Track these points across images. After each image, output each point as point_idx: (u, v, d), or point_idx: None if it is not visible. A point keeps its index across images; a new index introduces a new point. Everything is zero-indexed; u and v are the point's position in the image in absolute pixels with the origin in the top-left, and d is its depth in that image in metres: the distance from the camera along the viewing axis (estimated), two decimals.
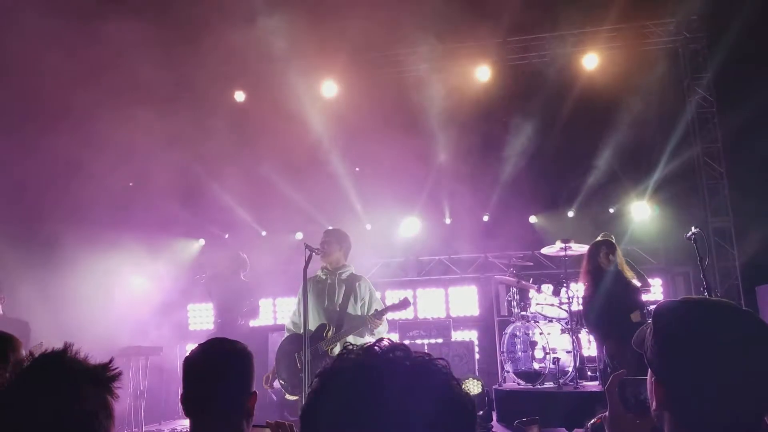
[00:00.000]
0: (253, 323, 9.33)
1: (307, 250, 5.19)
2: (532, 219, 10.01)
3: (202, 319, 9.91)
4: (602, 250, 6.52)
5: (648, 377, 1.47)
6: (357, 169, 9.85)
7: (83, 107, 7.84)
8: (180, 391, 2.18)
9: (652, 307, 6.56)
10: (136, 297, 8.71)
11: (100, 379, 1.61)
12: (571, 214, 9.78)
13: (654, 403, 1.42)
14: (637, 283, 6.49)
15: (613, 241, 6.72)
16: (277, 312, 10.09)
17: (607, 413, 1.69)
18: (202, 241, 10.15)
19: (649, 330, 1.45)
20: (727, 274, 8.84)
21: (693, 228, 5.37)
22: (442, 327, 8.77)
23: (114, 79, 8.37)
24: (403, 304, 5.26)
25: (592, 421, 2.03)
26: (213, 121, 9.54)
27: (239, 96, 10.09)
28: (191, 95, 10.01)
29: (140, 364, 7.52)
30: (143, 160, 9.61)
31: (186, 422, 8.54)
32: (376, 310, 5.27)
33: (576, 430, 6.39)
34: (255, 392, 2.20)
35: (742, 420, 1.30)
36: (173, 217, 9.45)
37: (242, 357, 2.21)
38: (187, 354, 2.22)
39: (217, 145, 9.22)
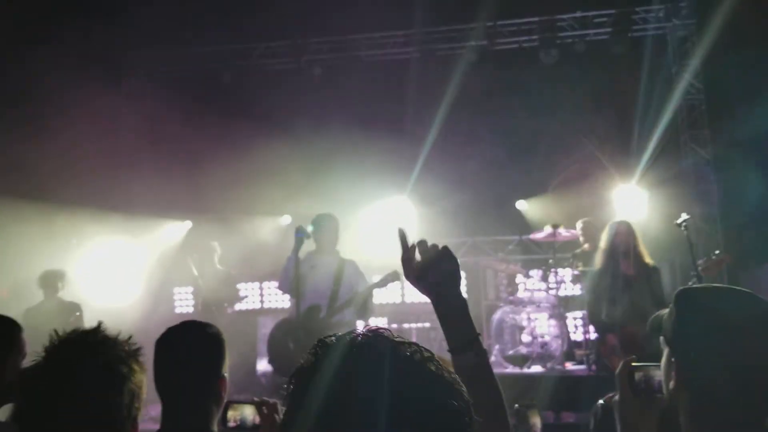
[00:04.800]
0: (240, 307, 9.34)
1: (298, 234, 5.19)
2: (520, 204, 10.03)
3: (188, 302, 9.83)
4: None
5: (664, 359, 1.52)
6: None
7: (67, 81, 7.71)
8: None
9: None
10: (119, 279, 8.62)
11: (126, 354, 1.78)
12: (557, 198, 9.80)
13: (672, 383, 1.47)
14: None
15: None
16: (264, 295, 10.04)
17: (616, 396, 1.74)
18: (189, 223, 10.05)
19: (669, 313, 1.50)
20: None
21: (684, 215, 5.38)
22: (430, 312, 8.74)
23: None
24: (392, 276, 5.24)
25: (601, 401, 2.06)
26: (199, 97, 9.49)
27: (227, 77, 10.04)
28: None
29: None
30: (125, 137, 9.51)
31: None
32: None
33: (564, 413, 6.46)
34: (224, 376, 2.21)
35: (758, 399, 1.36)
36: (158, 197, 9.33)
37: (212, 340, 2.22)
38: (159, 335, 2.23)
39: (202, 123, 9.15)
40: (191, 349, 2.17)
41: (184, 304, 9.86)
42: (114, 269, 8.52)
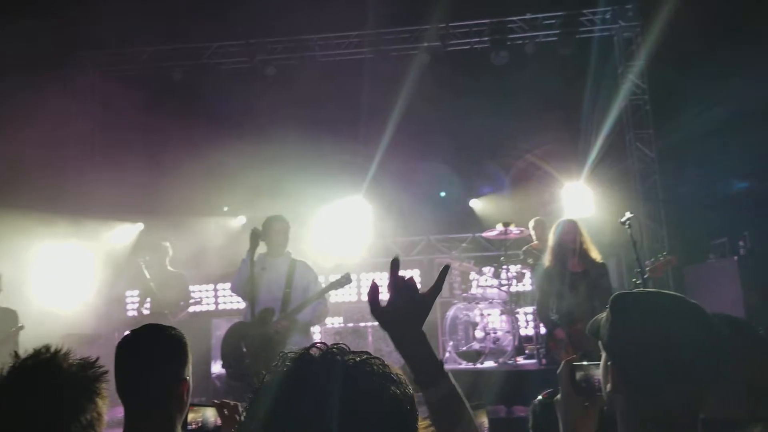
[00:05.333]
0: (194, 309, 9.25)
1: (254, 236, 5.20)
2: (473, 202, 10.20)
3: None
4: None
5: (602, 362, 1.59)
6: None
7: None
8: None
9: None
10: (72, 284, 8.46)
11: (85, 381, 1.78)
12: (510, 197, 10.00)
13: (608, 386, 1.54)
14: None
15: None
16: (219, 297, 9.99)
17: (558, 395, 1.78)
18: (141, 225, 9.90)
19: (605, 317, 1.56)
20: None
21: (628, 213, 5.56)
22: None
23: None
24: (345, 280, 5.30)
25: (539, 397, 2.13)
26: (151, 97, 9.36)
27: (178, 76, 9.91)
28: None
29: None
30: (75, 138, 9.32)
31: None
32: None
33: (515, 407, 6.60)
34: (186, 379, 2.17)
35: (684, 401, 1.44)
36: (110, 199, 9.18)
37: (175, 343, 2.19)
38: (120, 339, 2.20)
39: (155, 123, 9.04)
40: (154, 352, 2.14)
41: (137, 308, 9.73)
42: (64, 273, 8.36)
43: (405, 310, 1.51)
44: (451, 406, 1.51)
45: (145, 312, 7.68)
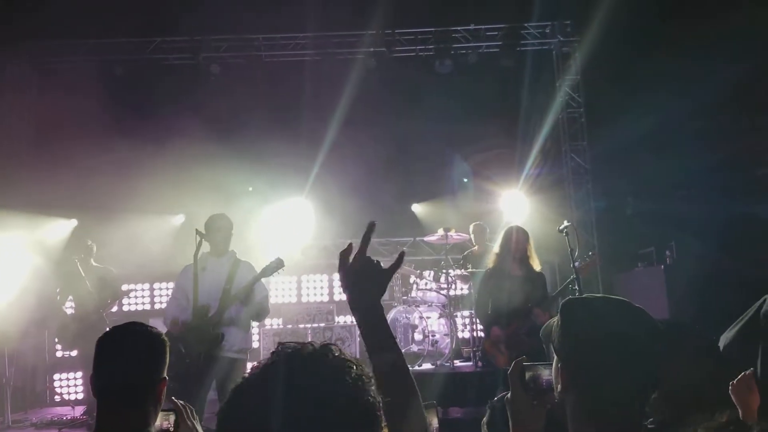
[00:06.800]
0: (128, 308, 9.04)
1: (198, 236, 5.14)
2: (414, 207, 10.35)
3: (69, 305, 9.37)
4: None
5: (554, 364, 1.69)
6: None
7: None
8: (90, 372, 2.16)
9: None
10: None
11: None
12: (451, 203, 10.18)
13: (559, 386, 1.64)
14: None
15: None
16: (155, 296, 9.78)
17: (508, 394, 1.86)
18: (74, 221, 9.58)
19: (556, 322, 1.67)
20: None
21: (565, 221, 5.76)
22: (326, 311, 8.91)
23: None
24: (276, 264, 5.27)
25: (495, 399, 2.23)
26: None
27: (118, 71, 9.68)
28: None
29: (5, 351, 7.09)
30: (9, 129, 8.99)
31: (53, 410, 8.12)
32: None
33: (451, 408, 6.74)
34: (165, 378, 2.21)
35: (628, 400, 1.56)
36: (42, 193, 8.87)
37: (156, 341, 2.23)
38: (101, 334, 2.21)
39: (92, 117, 8.80)
40: (137, 349, 2.16)
41: (69, 306, 9.42)
42: None
43: (367, 276, 1.63)
44: (401, 376, 1.60)
45: (68, 311, 7.49)
